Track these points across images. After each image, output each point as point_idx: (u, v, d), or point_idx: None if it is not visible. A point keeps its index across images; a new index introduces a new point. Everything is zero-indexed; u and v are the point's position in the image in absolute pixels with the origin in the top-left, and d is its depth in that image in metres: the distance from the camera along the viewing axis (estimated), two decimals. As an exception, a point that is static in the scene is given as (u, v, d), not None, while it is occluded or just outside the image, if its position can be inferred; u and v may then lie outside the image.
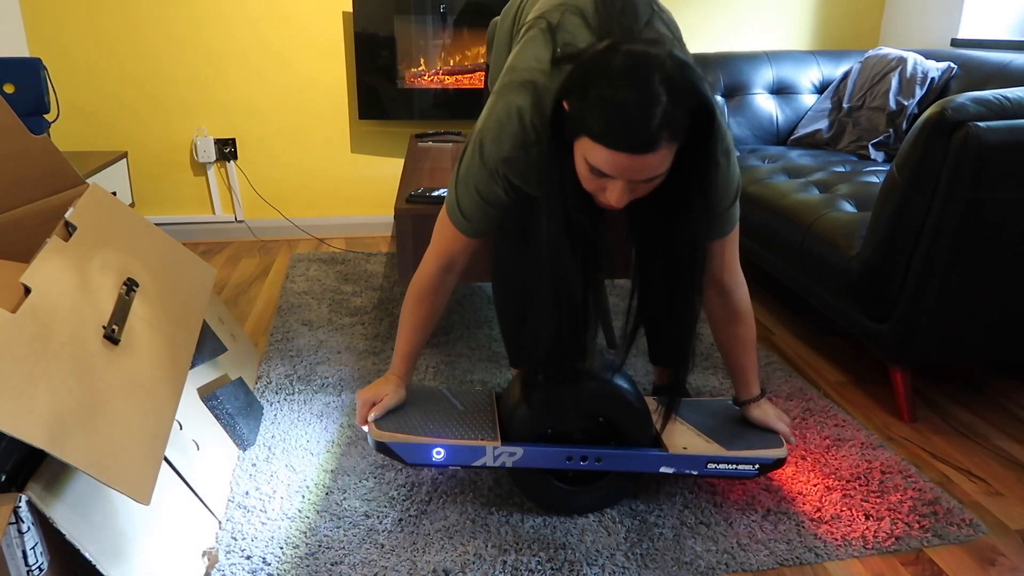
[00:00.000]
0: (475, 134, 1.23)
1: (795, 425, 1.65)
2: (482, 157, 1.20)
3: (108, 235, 1.36)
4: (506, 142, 1.18)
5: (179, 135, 2.86)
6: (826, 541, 1.29)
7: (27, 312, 1.00)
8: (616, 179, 1.03)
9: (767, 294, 2.46)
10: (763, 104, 2.72)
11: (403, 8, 2.70)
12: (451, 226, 1.28)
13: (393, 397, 1.35)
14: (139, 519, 1.09)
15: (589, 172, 1.05)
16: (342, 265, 2.67)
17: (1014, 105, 1.46)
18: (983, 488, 1.46)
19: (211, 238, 3.03)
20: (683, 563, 1.24)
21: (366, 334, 2.09)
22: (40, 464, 0.98)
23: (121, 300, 1.22)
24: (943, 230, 1.49)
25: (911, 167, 1.50)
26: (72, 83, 2.73)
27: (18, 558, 0.89)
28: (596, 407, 1.29)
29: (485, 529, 1.32)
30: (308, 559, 1.24)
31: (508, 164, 1.19)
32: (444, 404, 1.38)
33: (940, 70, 2.40)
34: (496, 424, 1.32)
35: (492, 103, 1.21)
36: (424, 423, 1.31)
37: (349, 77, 2.88)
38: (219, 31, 2.75)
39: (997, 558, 1.27)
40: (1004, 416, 1.72)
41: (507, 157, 1.18)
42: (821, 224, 1.82)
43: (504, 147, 1.18)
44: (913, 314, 1.57)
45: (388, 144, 3.00)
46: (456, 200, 1.26)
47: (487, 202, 1.24)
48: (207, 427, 1.42)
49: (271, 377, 1.84)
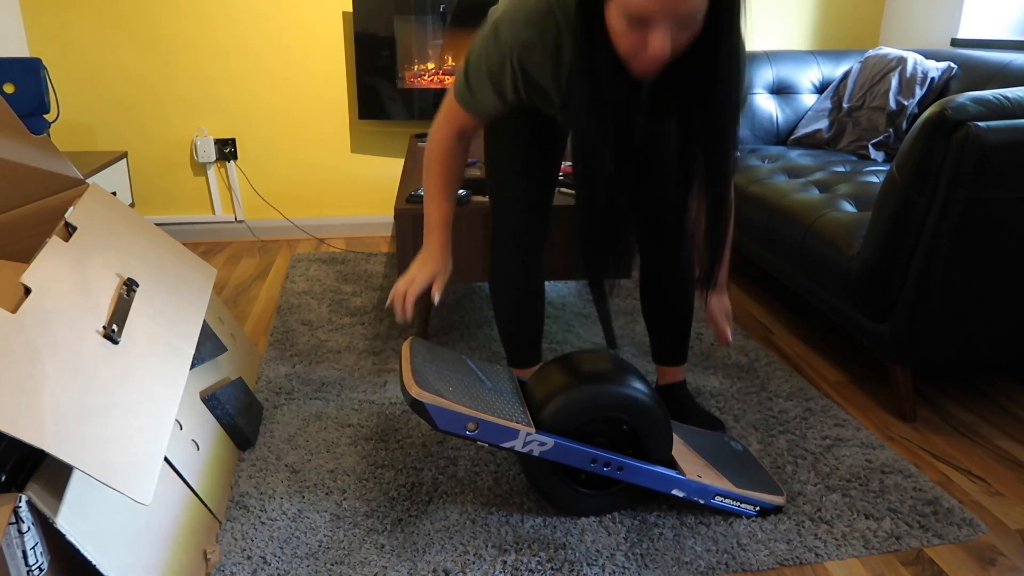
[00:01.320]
0: (490, 22, 1.22)
1: (795, 425, 1.65)
2: (497, 41, 1.20)
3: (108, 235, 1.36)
4: (525, 27, 1.17)
5: (179, 135, 2.86)
6: (826, 541, 1.29)
7: (27, 312, 1.00)
8: (657, 24, 1.01)
9: (767, 294, 2.46)
10: (763, 104, 2.72)
11: (403, 8, 2.70)
12: (457, 105, 1.31)
13: (445, 274, 1.36)
14: (139, 519, 1.09)
15: (627, 27, 1.03)
16: (342, 265, 2.67)
17: (1014, 105, 1.46)
18: (983, 488, 1.46)
19: (211, 238, 3.03)
20: (683, 563, 1.24)
21: (366, 334, 2.09)
22: (40, 464, 0.98)
23: (121, 300, 1.22)
24: (943, 230, 1.49)
25: (911, 167, 1.50)
26: (72, 83, 2.73)
27: (18, 558, 0.89)
28: (629, 416, 1.30)
29: (485, 529, 1.32)
30: (308, 559, 1.24)
31: (524, 50, 1.19)
32: (472, 377, 1.35)
33: (940, 70, 2.40)
34: (527, 409, 1.32)
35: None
36: (459, 392, 1.27)
37: (349, 77, 2.88)
38: (219, 31, 2.75)
39: (997, 558, 1.27)
40: (1004, 416, 1.72)
41: (524, 43, 1.18)
42: (821, 224, 1.82)
43: (521, 33, 1.17)
44: (913, 314, 1.57)
45: (388, 144, 3.00)
46: (465, 80, 1.27)
47: (495, 88, 1.24)
48: (207, 427, 1.42)
49: (271, 377, 1.84)
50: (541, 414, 1.29)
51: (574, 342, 2.07)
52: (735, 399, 1.76)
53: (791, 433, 1.62)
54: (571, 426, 1.29)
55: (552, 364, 1.38)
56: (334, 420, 1.66)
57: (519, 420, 1.26)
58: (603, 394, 1.28)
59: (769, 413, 1.70)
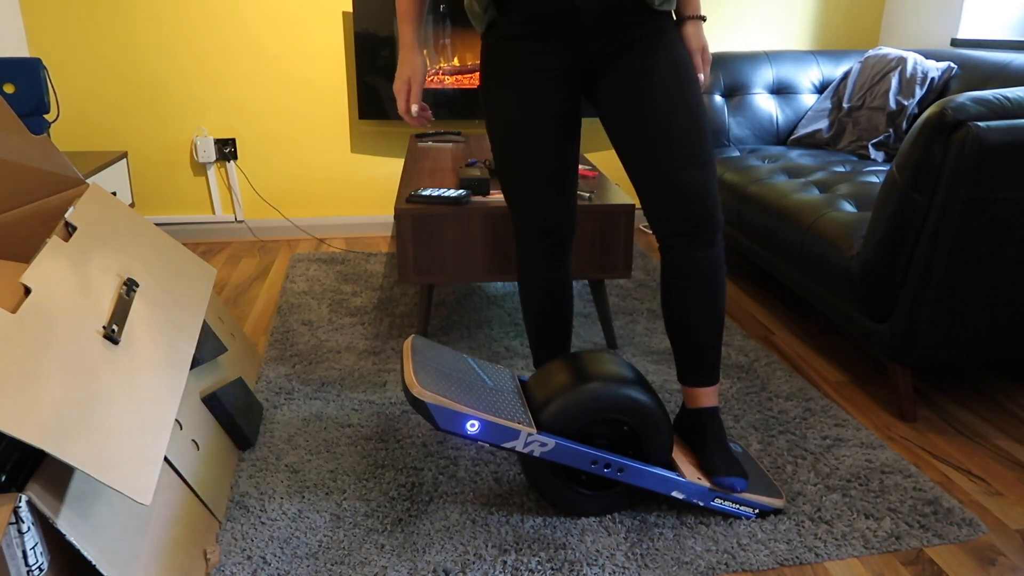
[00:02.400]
0: None
1: (795, 425, 1.65)
2: None
3: (108, 235, 1.36)
4: None
5: (179, 135, 2.86)
6: (826, 541, 1.29)
7: (27, 312, 1.00)
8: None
9: (767, 294, 2.46)
10: (763, 104, 2.72)
11: (403, 8, 2.70)
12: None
13: (418, 75, 1.40)
14: (139, 519, 1.09)
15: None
16: (342, 265, 2.67)
17: (1014, 105, 1.46)
18: (983, 488, 1.46)
19: (211, 238, 3.03)
20: (683, 563, 1.24)
21: (366, 334, 2.09)
22: (40, 464, 0.98)
23: (121, 300, 1.22)
24: (943, 230, 1.49)
25: (911, 167, 1.50)
26: (72, 83, 2.73)
27: (18, 558, 0.89)
28: (629, 417, 1.30)
29: (485, 529, 1.32)
30: (308, 559, 1.24)
31: None
32: (473, 377, 1.35)
33: (940, 70, 2.40)
34: (527, 409, 1.32)
35: None
36: (460, 392, 1.27)
37: (349, 77, 2.88)
38: (219, 31, 2.75)
39: (997, 558, 1.27)
40: (1004, 416, 1.72)
41: None
42: (821, 224, 1.82)
43: None
44: (913, 314, 1.57)
45: (388, 144, 3.00)
46: None
47: None
48: (207, 427, 1.42)
49: (271, 377, 1.84)
50: (542, 414, 1.29)
51: (574, 342, 2.07)
52: (735, 399, 1.76)
53: (791, 433, 1.62)
54: (572, 427, 1.29)
55: (553, 365, 1.38)
56: (334, 420, 1.66)
57: (520, 420, 1.26)
58: (604, 395, 1.28)
59: (769, 413, 1.70)
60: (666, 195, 1.30)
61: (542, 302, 1.50)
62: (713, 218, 1.31)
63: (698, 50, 1.37)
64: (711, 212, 1.30)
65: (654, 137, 1.28)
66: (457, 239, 1.90)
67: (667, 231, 1.33)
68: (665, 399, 1.77)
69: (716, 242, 1.33)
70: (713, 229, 1.32)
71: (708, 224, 1.31)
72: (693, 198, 1.29)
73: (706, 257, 1.33)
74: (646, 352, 2.01)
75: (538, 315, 1.52)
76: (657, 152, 1.29)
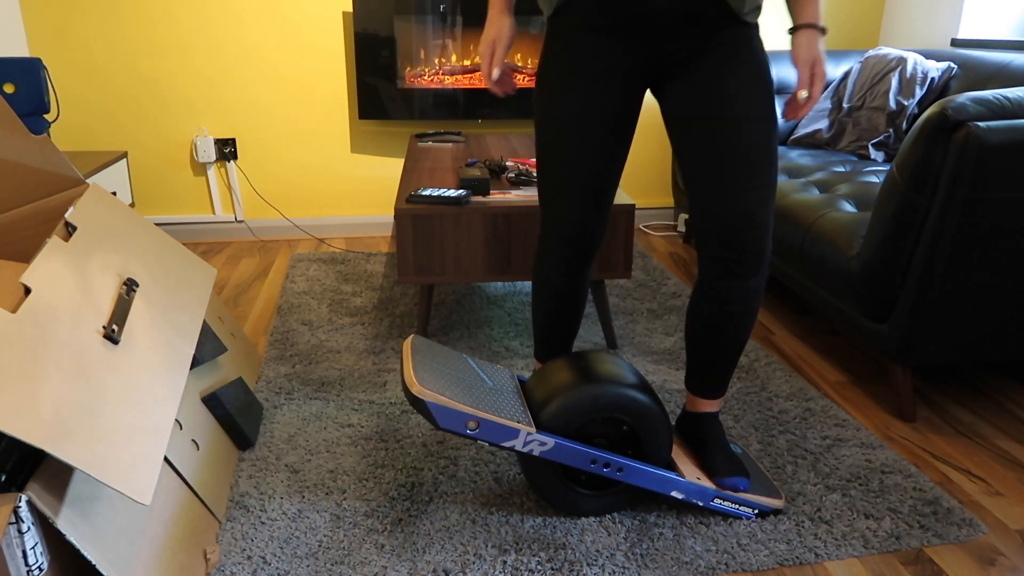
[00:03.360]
0: None
1: (795, 425, 1.65)
2: None
3: (108, 235, 1.36)
4: None
5: (179, 135, 2.86)
6: (826, 541, 1.29)
7: (27, 312, 1.00)
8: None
9: (767, 294, 2.46)
10: (763, 104, 2.71)
11: (403, 8, 2.70)
12: None
13: (503, 40, 1.32)
14: (139, 519, 1.09)
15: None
16: (342, 265, 2.67)
17: (1014, 105, 1.46)
18: (983, 488, 1.46)
19: (211, 238, 3.03)
20: (683, 563, 1.24)
21: (366, 334, 2.09)
22: (40, 464, 0.98)
23: (121, 300, 1.22)
24: (943, 230, 1.49)
25: (911, 167, 1.50)
26: (72, 83, 2.73)
27: (18, 558, 0.89)
28: (629, 417, 1.30)
29: (485, 529, 1.32)
30: (308, 559, 1.24)
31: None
32: (473, 376, 1.35)
33: (940, 70, 2.40)
34: (527, 409, 1.32)
35: None
36: (460, 391, 1.27)
37: (349, 77, 2.88)
38: (219, 31, 2.75)
39: (997, 558, 1.27)
40: (1004, 416, 1.72)
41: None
42: (821, 224, 1.82)
43: None
44: (913, 314, 1.57)
45: (388, 144, 3.00)
46: None
47: None
48: (207, 427, 1.42)
49: (271, 377, 1.84)
50: (542, 414, 1.29)
51: (574, 342, 2.07)
52: (735, 399, 1.76)
53: (791, 433, 1.62)
54: (571, 426, 1.29)
55: (553, 364, 1.38)
56: (334, 420, 1.66)
57: (520, 419, 1.26)
58: (604, 395, 1.28)
59: (769, 413, 1.70)
60: (719, 216, 1.24)
61: (557, 305, 1.48)
62: (761, 249, 1.24)
63: (807, 63, 1.20)
64: (760, 243, 1.24)
65: (718, 152, 1.21)
66: (457, 239, 1.90)
67: (710, 253, 1.27)
68: (665, 399, 1.77)
69: (759, 272, 1.27)
70: (759, 261, 1.25)
71: (755, 255, 1.25)
72: (745, 224, 1.22)
73: (746, 288, 1.27)
74: (646, 352, 2.01)
75: (551, 313, 1.49)
76: (719, 168, 1.22)
